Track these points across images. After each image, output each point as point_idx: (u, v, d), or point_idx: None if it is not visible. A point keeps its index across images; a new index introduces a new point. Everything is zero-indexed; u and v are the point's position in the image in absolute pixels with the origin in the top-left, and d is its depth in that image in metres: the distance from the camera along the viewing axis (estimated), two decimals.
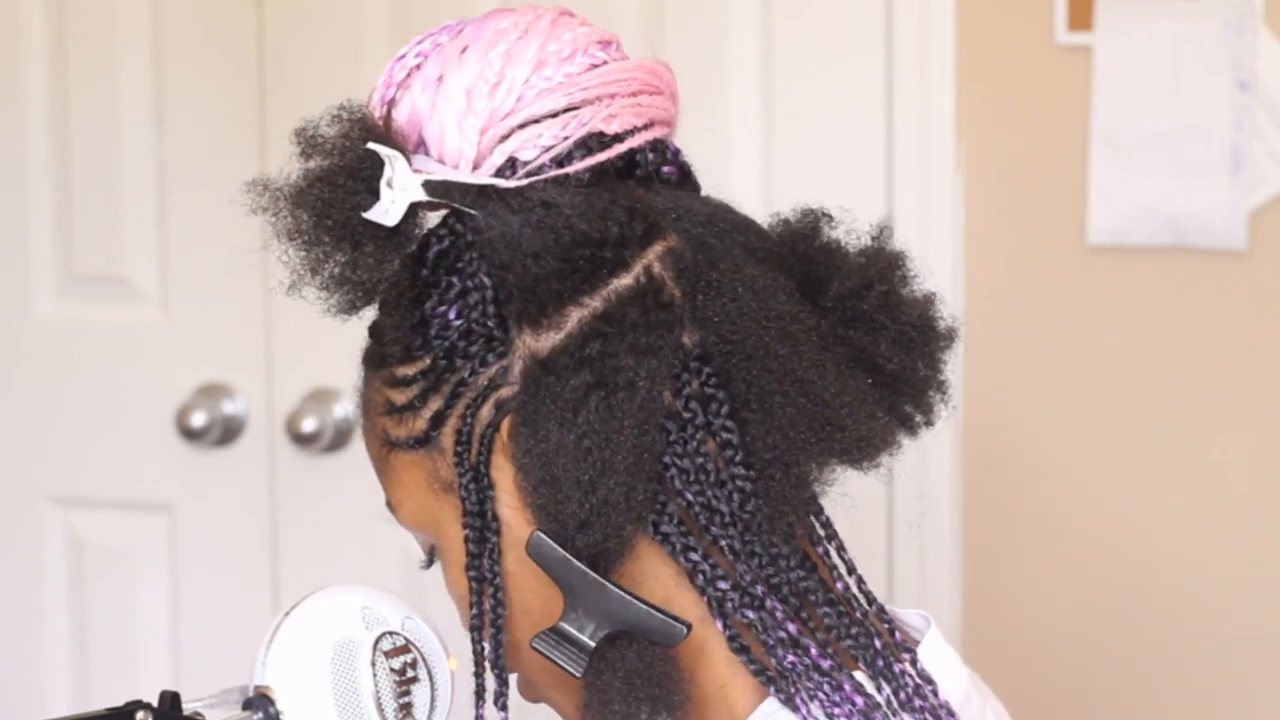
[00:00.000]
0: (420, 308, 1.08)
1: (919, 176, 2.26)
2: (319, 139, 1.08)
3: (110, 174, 2.51)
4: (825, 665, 1.05)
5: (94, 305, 2.54)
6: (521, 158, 1.07)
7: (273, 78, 2.43)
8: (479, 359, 1.07)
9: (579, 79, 1.09)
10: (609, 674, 1.05)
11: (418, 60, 1.10)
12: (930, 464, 2.26)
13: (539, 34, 1.09)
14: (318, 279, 1.09)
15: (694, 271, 1.07)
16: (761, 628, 1.06)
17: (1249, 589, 2.23)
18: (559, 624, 1.05)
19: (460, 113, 1.07)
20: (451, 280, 1.08)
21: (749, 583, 1.06)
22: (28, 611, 2.59)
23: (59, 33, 2.51)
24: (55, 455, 2.57)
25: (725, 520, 1.06)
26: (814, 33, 2.29)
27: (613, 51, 1.11)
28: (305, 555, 2.47)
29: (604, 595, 1.05)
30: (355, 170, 1.06)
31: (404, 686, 1.15)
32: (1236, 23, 2.16)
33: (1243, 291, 2.20)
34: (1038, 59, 2.23)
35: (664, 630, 1.05)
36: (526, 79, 1.08)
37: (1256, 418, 2.22)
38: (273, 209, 1.08)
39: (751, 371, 1.05)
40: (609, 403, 1.04)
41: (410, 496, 1.12)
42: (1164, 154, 2.19)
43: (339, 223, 1.06)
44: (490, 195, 1.06)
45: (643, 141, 1.10)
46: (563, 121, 1.08)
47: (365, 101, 1.11)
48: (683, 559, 1.06)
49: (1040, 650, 2.28)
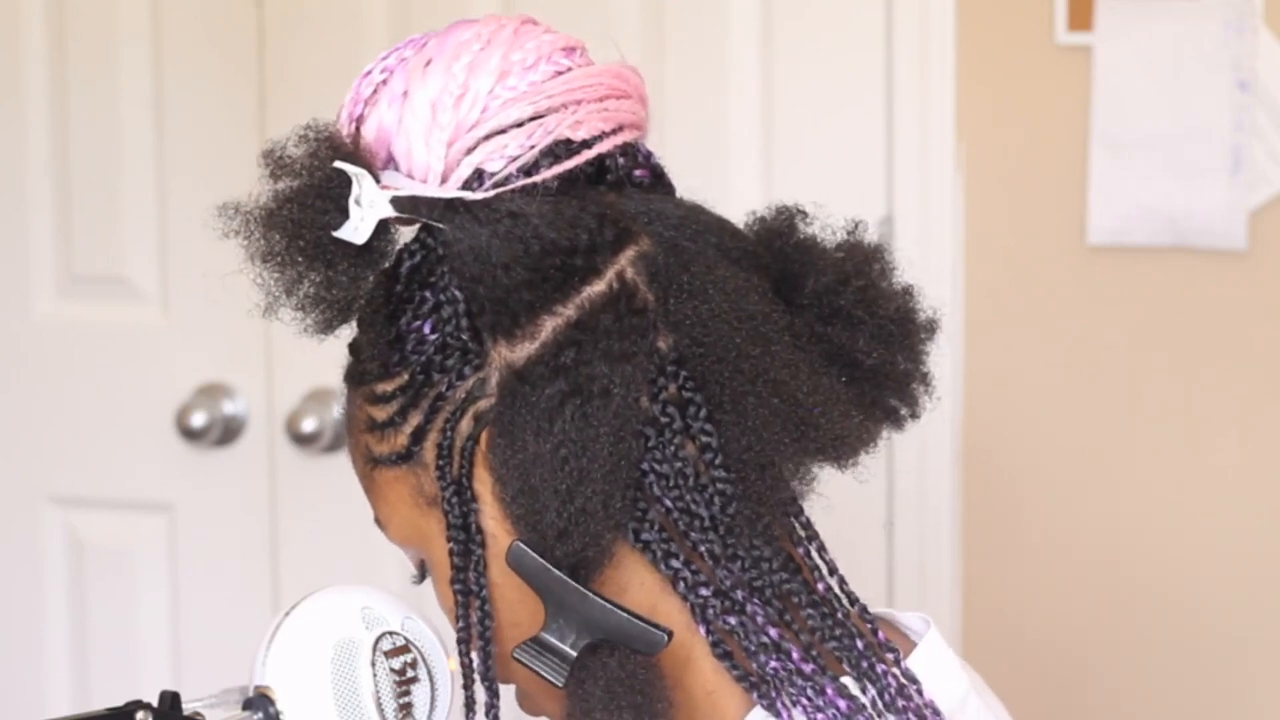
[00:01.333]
0: (396, 324, 1.08)
1: (919, 176, 2.26)
2: (286, 159, 1.08)
3: (110, 174, 2.51)
4: (807, 669, 1.05)
5: (94, 305, 2.54)
6: (488, 169, 1.07)
7: (273, 78, 2.43)
8: (455, 372, 1.06)
9: (543, 87, 1.08)
10: (590, 683, 1.04)
11: (383, 75, 1.10)
12: (930, 464, 2.26)
13: (502, 43, 1.08)
14: (293, 300, 1.09)
15: (666, 275, 1.07)
16: (744, 633, 1.05)
17: (1248, 588, 2.23)
18: (540, 634, 1.05)
19: (426, 127, 1.07)
20: (425, 295, 1.07)
21: (729, 587, 1.06)
22: (28, 611, 2.59)
23: (59, 33, 2.51)
24: (55, 455, 2.57)
25: (705, 525, 1.06)
26: (814, 33, 2.29)
27: (577, 58, 1.11)
28: (305, 555, 2.47)
29: (584, 604, 1.04)
30: (324, 190, 1.06)
31: (404, 686, 1.15)
32: (1236, 23, 2.16)
33: (1243, 291, 2.20)
34: (1038, 59, 2.23)
35: (645, 638, 1.05)
36: (491, 89, 1.07)
37: (1256, 418, 2.22)
38: (244, 231, 1.08)
39: (724, 373, 1.05)
40: (584, 411, 1.03)
41: (396, 512, 1.12)
42: (1164, 154, 2.19)
43: (310, 243, 1.06)
44: (458, 208, 1.05)
45: (611, 146, 1.10)
46: (528, 130, 1.07)
47: (334, 119, 1.10)
48: (664, 566, 1.06)
49: (1040, 651, 2.28)
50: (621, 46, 2.31)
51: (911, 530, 2.28)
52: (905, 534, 2.28)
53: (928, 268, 2.25)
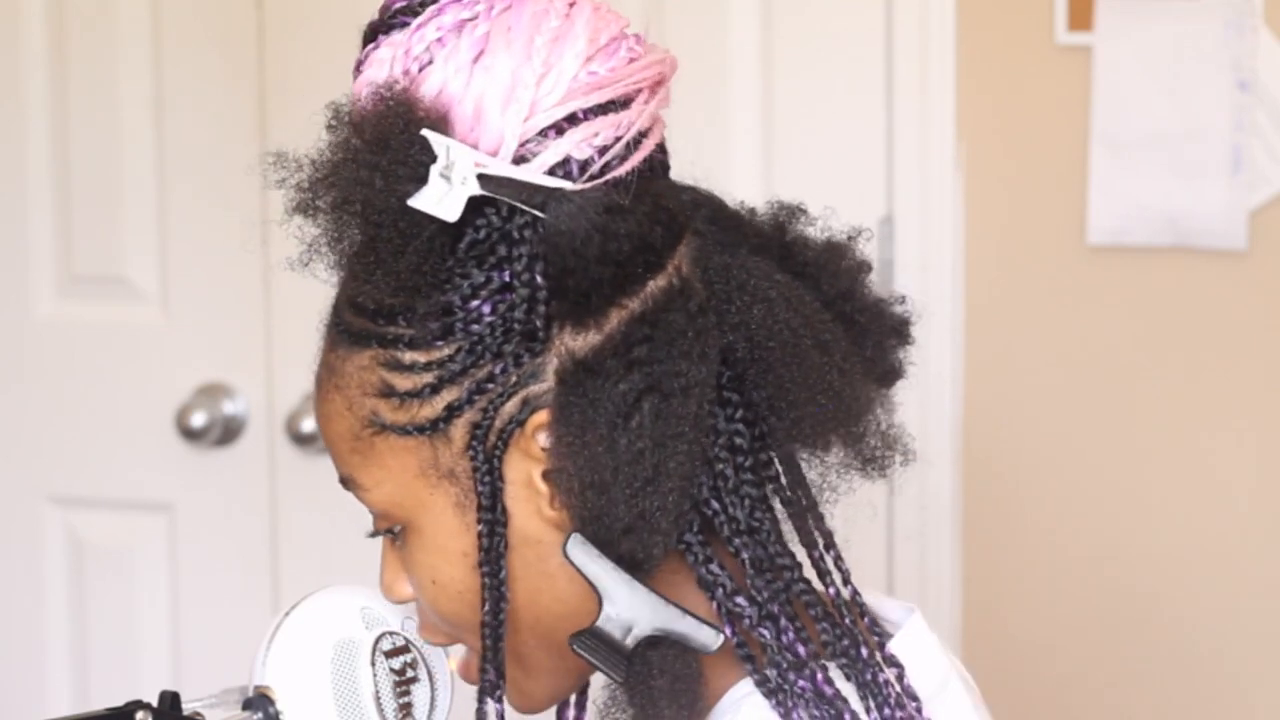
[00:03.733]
0: (445, 296, 1.05)
1: (919, 176, 2.26)
2: (356, 115, 1.05)
3: (110, 174, 2.51)
4: (829, 693, 1.05)
5: (94, 305, 2.54)
6: (577, 156, 1.05)
7: (273, 78, 2.43)
8: (513, 357, 1.04)
9: (622, 73, 1.07)
10: (655, 678, 1.04)
11: (439, 34, 1.06)
12: (930, 463, 2.26)
13: (585, 22, 1.07)
14: (334, 257, 1.06)
15: (718, 271, 1.07)
16: (776, 648, 1.05)
17: (1249, 589, 2.23)
18: (596, 626, 1.05)
19: (505, 99, 1.04)
20: (490, 275, 1.05)
21: (765, 599, 1.05)
22: (28, 611, 2.59)
23: (59, 33, 2.51)
24: (55, 455, 2.57)
25: (740, 528, 1.06)
26: (814, 32, 2.29)
27: (642, 42, 1.10)
28: (305, 555, 2.47)
29: (643, 599, 1.04)
30: (402, 155, 1.02)
31: (404, 686, 1.15)
32: (1236, 23, 2.15)
33: (1243, 291, 2.20)
34: (1038, 59, 2.23)
35: (699, 636, 1.04)
36: (575, 72, 1.06)
37: (1256, 417, 2.21)
38: (301, 183, 1.05)
39: (784, 374, 1.05)
40: (663, 408, 1.03)
41: (394, 479, 1.09)
42: (1164, 154, 2.19)
43: (376, 206, 1.02)
44: (558, 197, 1.04)
45: (660, 135, 1.10)
46: (615, 121, 1.06)
47: (365, 67, 1.07)
48: (703, 570, 1.06)
49: (1040, 650, 2.27)
50: None
51: (911, 530, 2.28)
52: (905, 534, 2.28)
53: (928, 268, 2.25)
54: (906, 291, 1.17)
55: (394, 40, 1.07)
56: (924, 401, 2.24)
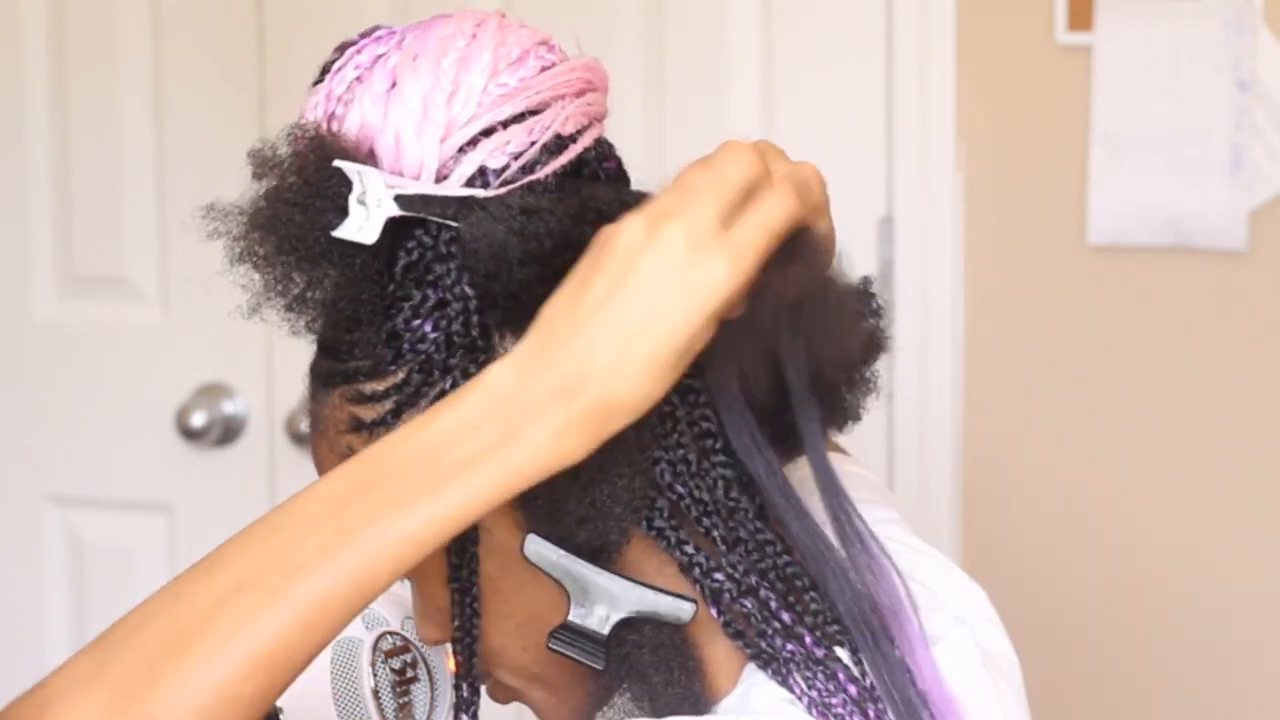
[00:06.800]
0: (391, 322, 1.07)
1: (919, 176, 2.26)
2: (275, 159, 1.07)
3: (110, 174, 2.51)
4: (819, 654, 1.06)
5: (94, 305, 2.54)
6: (491, 166, 1.06)
7: (273, 78, 2.43)
8: (460, 370, 1.06)
9: (533, 82, 1.08)
10: (635, 654, 1.05)
11: (357, 72, 1.09)
12: (930, 463, 2.26)
13: (490, 39, 1.08)
14: (283, 300, 1.09)
15: None
16: (759, 617, 1.06)
17: (1249, 588, 2.23)
18: (568, 620, 1.06)
19: (418, 123, 1.06)
20: (426, 294, 1.06)
21: (743, 572, 1.07)
22: (28, 611, 2.59)
23: (59, 33, 2.51)
24: (55, 455, 2.57)
25: (710, 510, 1.06)
26: (814, 33, 2.29)
27: (557, 53, 1.11)
28: None
29: (611, 585, 1.05)
30: (320, 189, 1.05)
31: (403, 686, 1.15)
32: (1236, 23, 2.16)
33: (1243, 291, 2.20)
34: (1038, 59, 2.23)
35: (673, 610, 1.05)
36: (484, 86, 1.07)
37: (1256, 417, 2.22)
38: (231, 232, 1.08)
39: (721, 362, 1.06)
40: None
41: None
42: (1164, 154, 2.19)
43: (305, 243, 1.05)
44: (472, 206, 1.05)
45: (592, 139, 1.10)
46: (528, 127, 1.07)
47: (301, 117, 1.10)
48: (677, 552, 1.07)
49: (1040, 650, 2.28)
50: (622, 47, 2.31)
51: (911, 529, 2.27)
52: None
53: (927, 268, 2.25)
54: (906, 292, 1.17)
55: (321, 84, 1.11)
56: (924, 401, 2.24)
